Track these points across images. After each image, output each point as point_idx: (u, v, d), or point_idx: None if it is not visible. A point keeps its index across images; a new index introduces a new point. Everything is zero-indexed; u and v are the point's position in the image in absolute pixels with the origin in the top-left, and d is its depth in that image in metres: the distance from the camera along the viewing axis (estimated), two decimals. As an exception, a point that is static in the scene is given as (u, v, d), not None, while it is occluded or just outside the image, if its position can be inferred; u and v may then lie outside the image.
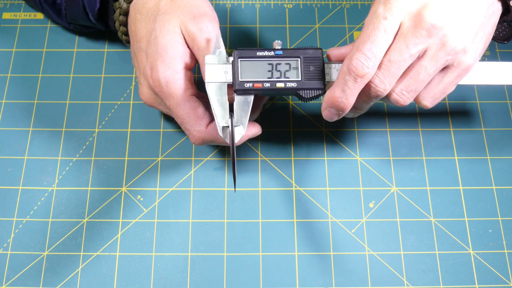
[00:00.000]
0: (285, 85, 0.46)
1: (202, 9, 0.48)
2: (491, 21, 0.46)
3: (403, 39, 0.43)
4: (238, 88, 0.45)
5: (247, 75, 0.46)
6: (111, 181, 0.53)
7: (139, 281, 0.50)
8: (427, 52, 0.43)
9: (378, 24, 0.42)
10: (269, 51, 0.46)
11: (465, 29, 0.44)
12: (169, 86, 0.46)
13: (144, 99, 0.50)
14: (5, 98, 0.57)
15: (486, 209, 0.53)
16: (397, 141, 0.56)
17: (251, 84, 0.45)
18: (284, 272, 0.50)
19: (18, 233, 0.51)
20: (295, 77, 0.46)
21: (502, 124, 0.57)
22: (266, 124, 0.56)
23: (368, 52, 0.42)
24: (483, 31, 0.46)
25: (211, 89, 0.46)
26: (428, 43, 0.43)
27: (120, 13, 0.52)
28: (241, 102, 0.46)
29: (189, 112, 0.47)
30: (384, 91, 0.44)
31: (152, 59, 0.47)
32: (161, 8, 0.48)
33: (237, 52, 0.46)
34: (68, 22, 0.57)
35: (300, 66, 0.46)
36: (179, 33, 0.47)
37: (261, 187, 0.53)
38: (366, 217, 0.52)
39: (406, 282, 0.50)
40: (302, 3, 0.63)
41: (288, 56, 0.46)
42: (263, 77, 0.46)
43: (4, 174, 0.54)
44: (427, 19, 0.42)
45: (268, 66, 0.46)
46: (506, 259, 0.51)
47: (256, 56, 0.46)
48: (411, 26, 0.42)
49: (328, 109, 0.45)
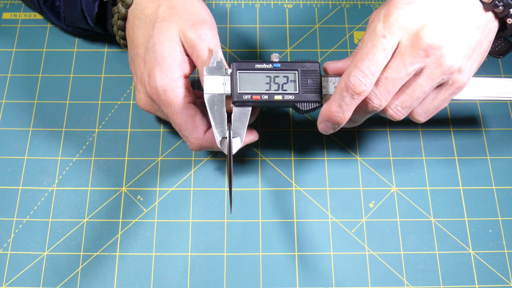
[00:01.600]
0: (283, 97, 0.46)
1: (201, 16, 0.48)
2: (487, 39, 0.47)
3: (401, 58, 0.43)
4: (237, 100, 0.46)
5: (245, 87, 0.46)
6: (111, 181, 0.53)
7: (139, 281, 0.50)
8: (424, 70, 0.44)
9: (377, 42, 0.43)
10: (267, 64, 0.47)
11: (461, 48, 0.44)
12: (166, 94, 0.46)
13: (141, 105, 0.50)
14: (5, 98, 0.57)
15: (486, 209, 0.53)
16: (397, 141, 0.56)
17: (249, 96, 0.46)
18: (284, 272, 0.50)
19: (18, 233, 0.51)
20: (293, 90, 0.47)
21: (502, 124, 0.57)
22: (266, 124, 0.56)
23: (366, 69, 0.43)
24: (479, 49, 0.47)
25: (210, 101, 0.46)
26: (425, 62, 0.44)
27: (118, 18, 0.52)
28: (238, 114, 0.46)
29: (187, 120, 0.47)
30: (380, 106, 0.45)
31: (150, 66, 0.47)
32: (160, 15, 0.48)
33: (235, 65, 0.46)
34: (66, 25, 0.57)
35: (297, 79, 0.47)
36: (177, 40, 0.47)
37: (261, 187, 0.53)
38: (366, 217, 0.52)
39: (406, 282, 0.50)
40: (302, 3, 0.63)
41: (286, 69, 0.47)
42: (261, 89, 0.46)
43: (4, 174, 0.54)
44: (425, 39, 0.43)
45: (266, 78, 0.47)
46: (506, 259, 0.51)
47: (254, 68, 0.47)
48: (409, 45, 0.43)
49: (324, 123, 0.46)
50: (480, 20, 0.45)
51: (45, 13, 0.57)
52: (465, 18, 0.45)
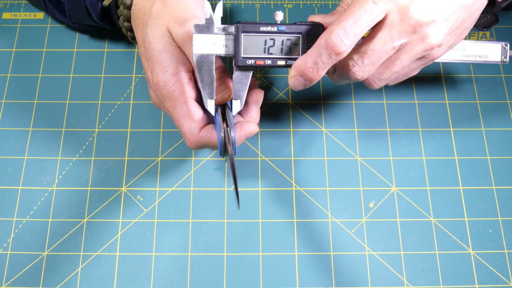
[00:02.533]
0: (286, 62, 0.46)
1: (193, 12, 0.48)
2: (473, 16, 0.47)
3: (388, 31, 0.43)
4: (240, 64, 0.45)
5: (249, 51, 0.45)
6: (111, 181, 0.53)
7: (139, 281, 0.50)
8: (406, 46, 0.44)
9: (366, 5, 0.42)
10: (272, 26, 0.46)
11: (446, 26, 0.44)
12: (167, 88, 0.46)
13: (153, 101, 0.50)
14: (5, 98, 0.57)
15: (486, 209, 0.53)
16: (397, 141, 0.56)
17: (253, 60, 0.45)
18: (284, 272, 0.50)
19: (18, 233, 0.51)
20: (296, 54, 0.46)
21: (502, 124, 0.57)
22: (266, 124, 0.56)
23: (349, 30, 0.42)
24: (462, 26, 0.46)
25: (198, 61, 0.45)
26: (410, 38, 0.43)
27: (124, 20, 0.53)
28: (240, 75, 0.46)
29: (185, 115, 0.47)
30: (362, 78, 0.45)
31: (151, 63, 0.47)
32: (153, 12, 0.48)
33: (240, 26, 0.45)
34: (72, 22, 0.57)
35: (301, 42, 0.46)
36: (170, 36, 0.47)
37: (261, 187, 0.53)
38: (366, 217, 0.52)
39: (406, 282, 0.50)
40: (302, 3, 0.63)
41: (290, 32, 0.46)
42: (264, 54, 0.46)
43: (4, 174, 0.54)
44: (414, 15, 0.42)
45: (270, 41, 0.46)
46: (506, 259, 0.51)
47: (259, 31, 0.45)
48: (398, 19, 0.43)
49: (297, 78, 0.45)
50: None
51: (51, 10, 0.58)
52: None
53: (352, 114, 0.57)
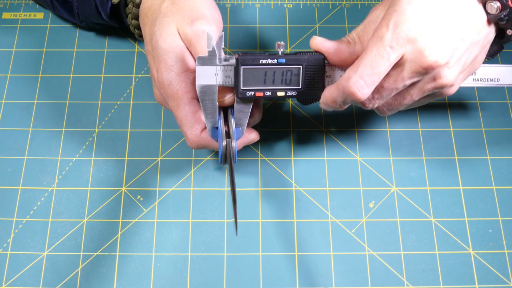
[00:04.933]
0: (285, 93, 0.46)
1: (201, 12, 0.48)
2: (484, 50, 0.47)
3: (401, 71, 0.43)
4: (240, 96, 0.46)
5: (249, 83, 0.46)
6: (111, 181, 0.53)
7: (139, 281, 0.50)
8: (418, 83, 0.44)
9: (383, 52, 0.42)
10: (272, 59, 0.46)
11: (459, 65, 0.44)
12: (171, 88, 0.47)
13: (156, 98, 0.51)
14: (5, 98, 0.57)
15: (486, 209, 0.53)
16: (397, 141, 0.56)
17: (253, 92, 0.46)
18: (284, 272, 0.50)
19: (18, 233, 0.51)
20: (296, 85, 0.46)
21: (502, 124, 0.57)
22: (266, 124, 0.56)
23: (367, 78, 0.42)
24: (474, 64, 0.47)
25: (201, 91, 0.46)
26: (422, 77, 0.44)
27: (132, 18, 0.53)
28: (241, 104, 0.47)
29: (187, 115, 0.47)
30: (371, 108, 0.46)
31: (157, 61, 0.47)
32: (162, 11, 0.48)
33: (240, 59, 0.45)
34: (80, 20, 0.57)
35: (301, 73, 0.46)
36: (178, 36, 0.47)
37: (261, 187, 0.53)
38: (366, 217, 0.52)
39: (406, 282, 0.50)
40: (302, 3, 0.63)
41: (290, 64, 0.46)
42: (264, 85, 0.46)
43: (4, 174, 0.54)
44: (429, 58, 0.42)
45: (270, 73, 0.46)
46: (506, 259, 0.51)
47: (259, 64, 0.46)
48: (412, 60, 0.42)
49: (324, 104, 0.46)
50: (482, 33, 0.45)
51: (58, 9, 0.58)
52: (468, 33, 0.44)
53: (352, 114, 0.57)
